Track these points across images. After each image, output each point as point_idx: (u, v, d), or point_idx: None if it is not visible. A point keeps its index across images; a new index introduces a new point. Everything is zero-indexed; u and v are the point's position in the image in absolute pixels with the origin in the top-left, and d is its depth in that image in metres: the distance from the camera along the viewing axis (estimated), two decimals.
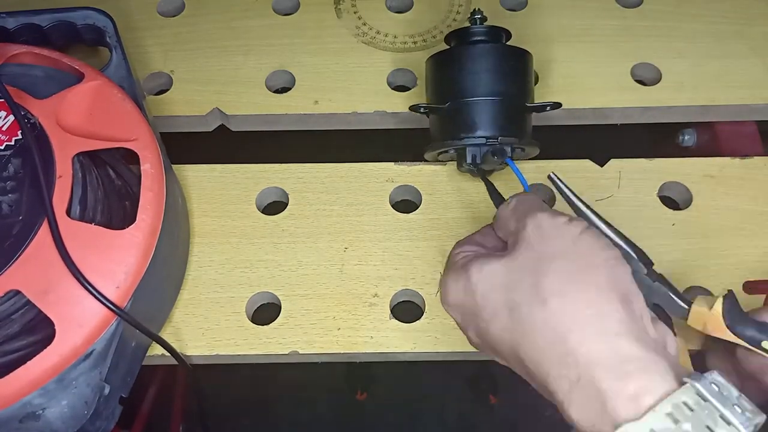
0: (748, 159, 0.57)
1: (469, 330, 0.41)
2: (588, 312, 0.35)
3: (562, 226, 0.38)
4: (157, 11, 0.66)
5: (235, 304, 0.52)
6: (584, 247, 0.37)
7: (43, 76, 0.52)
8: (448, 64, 0.53)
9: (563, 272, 0.36)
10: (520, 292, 0.37)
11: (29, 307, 0.44)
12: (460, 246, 0.44)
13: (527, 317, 0.36)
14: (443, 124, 0.53)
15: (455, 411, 1.03)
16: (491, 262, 0.39)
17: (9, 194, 0.45)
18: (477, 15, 0.55)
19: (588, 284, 0.36)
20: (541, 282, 0.36)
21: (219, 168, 0.58)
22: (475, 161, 0.52)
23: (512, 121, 0.52)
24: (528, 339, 0.36)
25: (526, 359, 0.36)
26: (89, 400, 0.44)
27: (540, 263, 0.37)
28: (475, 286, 0.39)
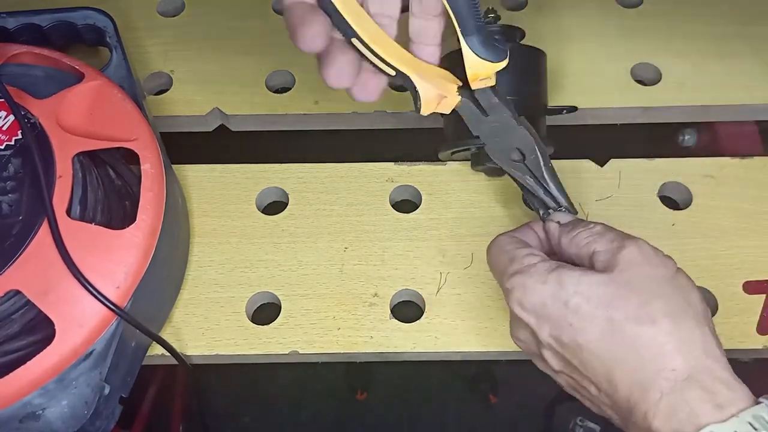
0: (748, 159, 0.57)
1: (542, 332, 0.42)
2: (693, 337, 0.39)
3: (664, 258, 0.41)
4: (157, 11, 0.66)
5: (235, 304, 0.52)
6: (683, 281, 0.41)
7: (43, 76, 0.52)
8: None
9: (671, 299, 0.39)
10: (624, 308, 0.39)
11: (29, 307, 0.44)
12: (522, 245, 0.45)
13: (631, 332, 0.39)
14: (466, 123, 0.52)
15: (455, 411, 1.03)
16: (589, 274, 0.41)
17: (9, 194, 0.45)
18: (491, 14, 0.54)
19: (690, 314, 0.39)
20: (651, 302, 0.39)
21: (219, 168, 0.58)
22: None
23: (539, 121, 0.53)
24: (628, 352, 0.39)
25: (618, 369, 0.39)
26: (89, 400, 0.44)
27: (650, 286, 0.40)
28: (570, 295, 0.40)
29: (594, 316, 0.39)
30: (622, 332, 0.39)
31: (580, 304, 0.40)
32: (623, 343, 0.39)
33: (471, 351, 0.51)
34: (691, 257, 0.53)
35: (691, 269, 0.52)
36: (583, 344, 0.40)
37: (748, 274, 0.52)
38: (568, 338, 0.40)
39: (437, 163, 0.57)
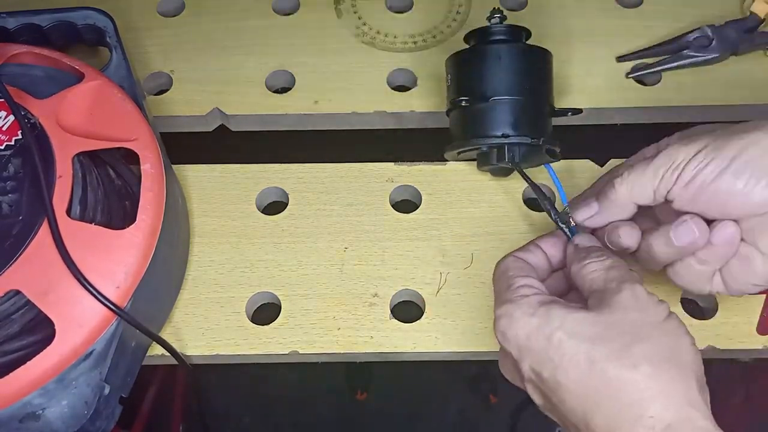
0: None
1: (523, 365, 0.41)
2: (675, 385, 0.38)
3: (657, 304, 0.40)
4: (157, 11, 0.66)
5: (235, 304, 0.52)
6: (674, 327, 0.40)
7: (44, 76, 0.52)
8: (488, 61, 0.52)
9: (659, 343, 0.39)
10: (607, 350, 0.38)
11: (29, 307, 0.44)
12: (518, 271, 0.44)
13: (611, 374, 0.38)
14: (480, 121, 0.52)
15: (455, 411, 1.03)
16: (577, 311, 0.40)
17: (9, 194, 0.45)
18: (497, 14, 0.54)
19: (677, 361, 0.39)
20: (634, 346, 0.38)
21: (219, 168, 0.58)
22: (514, 160, 0.51)
23: (547, 122, 0.53)
24: (607, 395, 0.38)
25: (595, 412, 0.38)
26: (89, 400, 0.44)
27: (636, 329, 0.39)
28: (553, 330, 0.39)
29: (575, 355, 0.39)
30: (601, 374, 0.38)
31: (563, 341, 0.39)
32: (602, 385, 0.38)
33: (471, 351, 0.51)
34: None
35: None
36: (562, 382, 0.39)
37: None
38: (548, 374, 0.40)
39: (437, 163, 0.57)
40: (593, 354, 0.38)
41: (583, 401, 0.39)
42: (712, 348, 0.50)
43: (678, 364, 0.38)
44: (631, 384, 0.37)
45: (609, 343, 0.38)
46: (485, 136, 0.52)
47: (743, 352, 0.51)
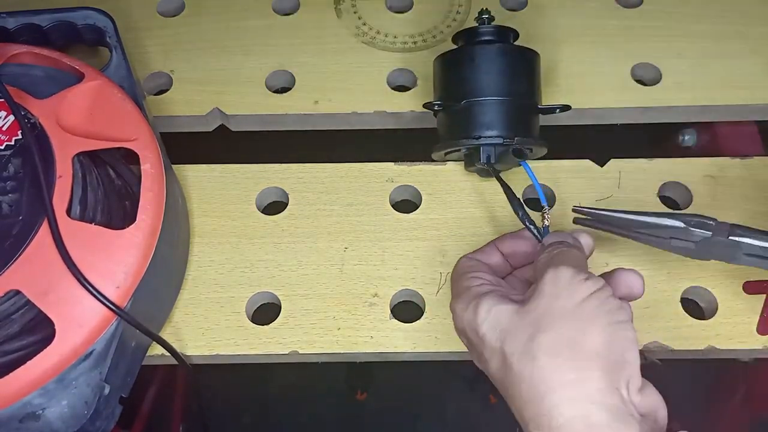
0: (748, 159, 0.57)
1: (473, 355, 0.42)
2: (569, 377, 0.36)
3: (576, 285, 0.39)
4: (157, 11, 0.66)
5: (235, 304, 0.52)
6: (588, 310, 0.38)
7: (44, 76, 0.52)
8: (462, 63, 0.53)
9: (561, 333, 0.37)
10: (516, 342, 0.38)
11: (29, 307, 0.44)
12: (469, 270, 0.44)
13: (517, 368, 0.37)
14: (457, 123, 0.53)
15: (455, 411, 1.03)
16: (501, 304, 0.40)
17: (9, 194, 0.45)
18: (485, 15, 0.54)
19: (579, 349, 0.37)
20: (537, 337, 0.37)
21: (219, 168, 0.58)
22: (489, 161, 0.51)
23: (526, 121, 0.52)
24: (514, 389, 0.38)
25: (512, 406, 0.39)
26: (89, 400, 0.44)
27: (543, 319, 0.38)
28: (480, 324, 0.40)
29: (494, 350, 0.39)
30: (510, 369, 0.38)
31: (486, 335, 0.39)
32: (512, 379, 0.38)
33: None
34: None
35: (691, 269, 0.52)
36: (495, 376, 0.39)
37: (748, 274, 0.52)
38: (484, 368, 0.40)
39: (437, 163, 0.57)
40: (505, 348, 0.38)
41: (505, 395, 0.39)
42: (712, 348, 0.50)
43: (578, 355, 0.37)
44: (529, 380, 0.37)
45: (518, 336, 0.38)
46: (461, 138, 0.52)
47: (743, 352, 0.51)
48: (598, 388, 0.36)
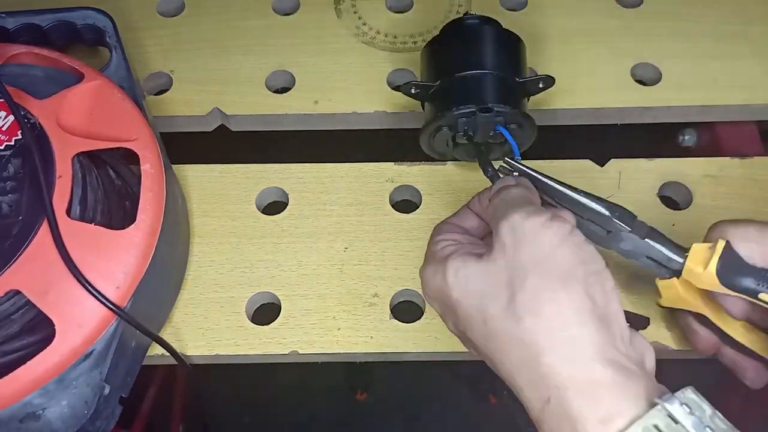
0: (748, 159, 0.57)
1: (448, 322, 0.40)
2: (562, 334, 0.34)
3: (540, 230, 0.36)
4: (157, 11, 0.66)
5: (235, 304, 0.52)
6: (563, 258, 0.36)
7: (43, 76, 0.52)
8: (437, 48, 0.55)
9: (539, 287, 0.35)
10: (494, 304, 0.36)
11: (29, 307, 0.44)
12: (439, 233, 0.42)
13: (501, 331, 0.35)
14: (435, 104, 0.53)
15: (455, 411, 1.03)
16: (468, 264, 0.37)
17: (9, 194, 0.45)
18: (470, 15, 0.55)
19: (564, 303, 0.35)
20: (516, 297, 0.35)
21: (219, 168, 0.58)
22: (467, 132, 0.51)
23: (503, 91, 0.52)
24: (502, 353, 0.35)
25: (501, 371, 0.36)
26: (89, 400, 0.44)
27: (515, 274, 0.35)
28: (452, 288, 0.37)
29: (471, 314, 0.36)
30: (495, 331, 0.35)
31: (459, 300, 0.37)
32: (497, 344, 0.35)
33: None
34: None
35: None
36: (474, 341, 0.37)
37: None
38: (462, 333, 0.38)
39: (437, 163, 0.57)
40: (484, 313, 0.36)
41: (491, 360, 0.36)
42: None
43: (564, 311, 0.34)
44: (518, 342, 0.34)
45: (495, 297, 0.35)
46: (440, 116, 0.52)
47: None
48: (594, 342, 0.34)
